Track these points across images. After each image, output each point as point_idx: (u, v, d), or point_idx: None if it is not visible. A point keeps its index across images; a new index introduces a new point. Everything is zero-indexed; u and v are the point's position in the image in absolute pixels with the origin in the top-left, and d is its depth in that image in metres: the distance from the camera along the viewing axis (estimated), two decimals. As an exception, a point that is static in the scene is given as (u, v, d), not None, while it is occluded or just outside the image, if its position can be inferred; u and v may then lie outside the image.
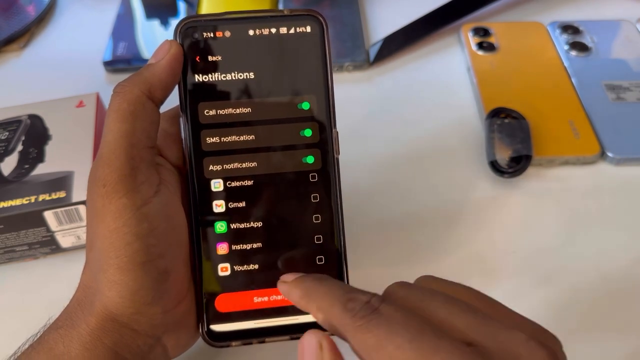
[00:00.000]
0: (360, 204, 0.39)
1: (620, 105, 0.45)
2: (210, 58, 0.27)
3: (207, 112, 0.27)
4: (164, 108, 0.28)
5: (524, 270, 0.36)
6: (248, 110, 0.28)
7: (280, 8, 0.54)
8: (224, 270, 0.28)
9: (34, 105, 0.41)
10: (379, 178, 0.42)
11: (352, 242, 0.29)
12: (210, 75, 0.27)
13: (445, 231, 0.38)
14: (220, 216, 0.28)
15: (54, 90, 0.43)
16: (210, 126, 0.27)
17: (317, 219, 0.28)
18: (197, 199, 0.27)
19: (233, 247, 0.28)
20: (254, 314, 0.27)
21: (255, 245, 0.28)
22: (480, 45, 0.50)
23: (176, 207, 0.27)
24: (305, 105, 0.28)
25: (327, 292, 0.22)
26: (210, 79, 0.27)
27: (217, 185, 0.28)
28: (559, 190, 0.40)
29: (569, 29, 0.51)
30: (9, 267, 0.37)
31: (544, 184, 0.41)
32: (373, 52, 0.51)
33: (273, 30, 0.28)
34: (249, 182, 0.28)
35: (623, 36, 0.51)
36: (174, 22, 0.54)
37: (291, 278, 0.25)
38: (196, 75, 0.27)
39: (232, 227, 0.28)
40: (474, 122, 0.45)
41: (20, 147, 0.38)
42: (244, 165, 0.28)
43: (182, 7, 0.57)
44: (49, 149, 0.38)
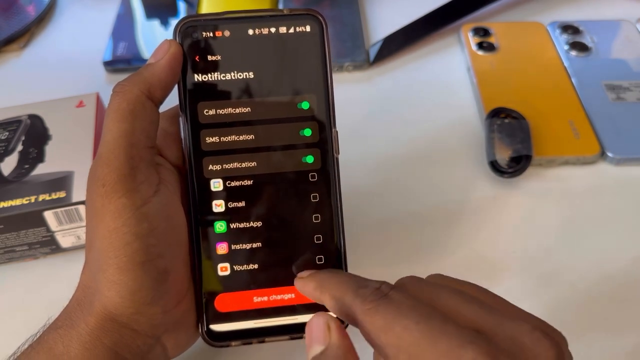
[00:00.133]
0: (360, 204, 0.39)
1: (620, 105, 0.45)
2: (209, 58, 0.27)
3: (206, 112, 0.27)
4: (164, 108, 0.28)
5: (524, 270, 0.36)
6: (247, 109, 0.28)
7: (280, 8, 0.54)
8: (224, 270, 0.28)
9: (34, 105, 0.41)
10: (379, 178, 0.42)
11: (352, 242, 0.29)
12: (209, 74, 0.27)
13: (446, 231, 0.38)
14: (219, 216, 0.28)
15: (54, 90, 0.43)
16: (209, 126, 0.27)
17: (317, 218, 0.28)
18: (196, 199, 0.27)
19: (233, 247, 0.28)
20: (253, 314, 0.27)
21: (254, 245, 0.28)
22: (480, 45, 0.50)
23: (176, 206, 0.27)
24: (305, 105, 0.28)
25: (339, 282, 0.23)
26: (210, 79, 0.27)
27: (216, 185, 0.28)
28: (559, 190, 0.40)
29: (569, 29, 0.51)
30: (9, 267, 0.37)
31: (544, 184, 0.41)
32: (373, 52, 0.50)
33: (273, 29, 0.27)
34: (249, 182, 0.28)
35: (623, 36, 0.51)
36: (174, 22, 0.54)
37: (307, 274, 0.26)
38: (196, 75, 0.27)
39: (232, 226, 0.28)
40: (474, 122, 0.45)
41: (20, 147, 0.38)
42: (243, 164, 0.28)
43: (182, 7, 0.57)
44: (49, 149, 0.38)
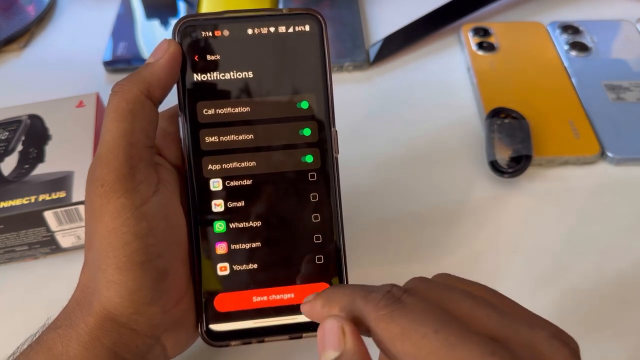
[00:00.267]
0: (360, 203, 0.39)
1: (620, 105, 0.45)
2: (209, 57, 0.27)
3: (205, 112, 0.27)
4: (163, 107, 0.28)
5: (524, 270, 0.36)
6: (247, 109, 0.28)
7: (280, 7, 0.54)
8: (223, 269, 0.28)
9: (34, 105, 0.41)
10: (379, 178, 0.42)
11: (352, 242, 0.29)
12: (209, 74, 0.27)
13: (446, 231, 0.38)
14: (219, 216, 0.28)
15: (54, 90, 0.43)
16: (209, 125, 0.27)
17: (317, 218, 0.28)
18: (196, 199, 0.27)
19: (232, 247, 0.28)
20: (253, 314, 0.27)
21: (254, 245, 0.28)
22: (480, 45, 0.50)
23: (175, 206, 0.27)
24: (305, 104, 0.28)
25: (347, 292, 0.22)
26: (209, 78, 0.27)
27: (216, 184, 0.28)
28: (559, 190, 0.40)
29: (569, 29, 0.51)
30: (9, 267, 0.37)
31: (544, 184, 0.41)
32: (373, 52, 0.50)
33: (272, 29, 0.27)
34: (248, 182, 0.28)
35: (623, 36, 0.51)
36: (174, 22, 0.54)
37: (312, 296, 0.24)
38: (195, 75, 0.27)
39: (231, 226, 0.28)
40: (474, 122, 0.45)
41: (20, 147, 0.38)
42: (242, 164, 0.28)
43: (182, 7, 0.57)
44: (49, 149, 0.38)
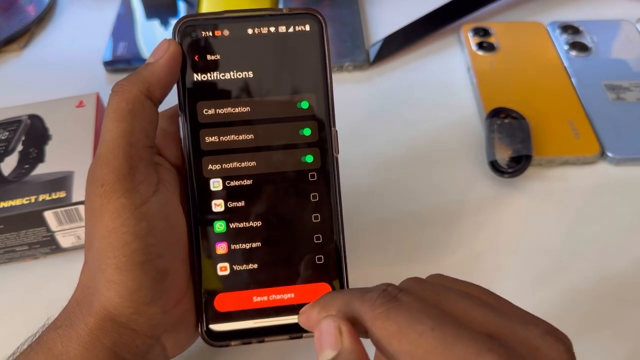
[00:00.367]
0: (360, 203, 0.39)
1: (620, 105, 0.45)
2: (209, 57, 0.27)
3: (206, 111, 0.27)
4: (163, 107, 0.28)
5: (524, 270, 0.36)
6: (247, 109, 0.28)
7: (280, 7, 0.54)
8: (223, 269, 0.28)
9: (34, 105, 0.41)
10: (379, 178, 0.42)
11: (352, 242, 0.29)
12: (209, 74, 0.27)
13: (446, 231, 0.38)
14: (219, 215, 0.28)
15: (54, 90, 0.43)
16: (209, 125, 0.27)
17: (317, 218, 0.28)
18: (196, 199, 0.27)
19: (232, 247, 0.28)
20: (253, 314, 0.27)
21: (254, 245, 0.28)
22: (480, 45, 0.50)
23: (175, 206, 0.27)
24: (305, 104, 0.28)
25: (342, 295, 0.22)
26: (209, 78, 0.27)
27: (216, 184, 0.28)
28: (559, 190, 0.40)
29: (569, 29, 0.51)
30: (9, 267, 0.37)
31: (544, 184, 0.41)
32: (373, 52, 0.50)
33: (272, 29, 0.27)
34: (248, 182, 0.28)
35: (623, 36, 0.51)
36: (174, 22, 0.54)
37: (308, 306, 0.24)
38: (195, 74, 0.27)
39: (231, 226, 0.28)
40: (474, 122, 0.45)
41: (20, 147, 0.38)
42: (243, 164, 0.28)
43: (182, 7, 0.57)
44: (49, 149, 0.38)
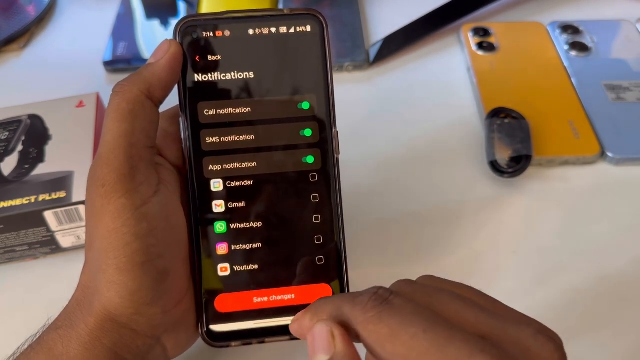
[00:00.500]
0: (360, 204, 0.39)
1: (620, 105, 0.45)
2: (210, 57, 0.27)
3: (206, 112, 0.27)
4: (164, 107, 0.28)
5: (524, 270, 0.36)
6: (248, 110, 0.28)
7: (280, 8, 0.54)
8: (224, 270, 0.28)
9: (34, 105, 0.41)
10: (379, 178, 0.42)
11: (352, 242, 0.29)
12: (210, 74, 0.27)
13: (446, 231, 0.38)
14: (219, 216, 0.28)
15: (54, 90, 0.43)
16: (209, 126, 0.27)
17: (317, 219, 0.28)
18: (196, 199, 0.27)
19: (233, 247, 0.28)
20: (253, 314, 0.27)
21: (255, 246, 0.28)
22: (480, 45, 0.50)
23: (175, 207, 0.27)
24: (305, 105, 0.28)
25: (333, 300, 0.22)
26: (210, 79, 0.27)
27: (216, 185, 0.28)
28: (559, 190, 0.40)
29: (569, 29, 0.51)
30: (9, 267, 0.37)
31: (544, 184, 0.41)
32: (373, 52, 0.50)
33: (273, 29, 0.27)
34: (249, 182, 0.28)
35: (623, 36, 0.51)
36: (174, 22, 0.54)
37: (300, 314, 0.24)
38: (196, 75, 0.27)
39: (232, 227, 0.28)
40: (474, 122, 0.45)
41: (20, 147, 0.38)
42: (243, 165, 0.28)
43: (182, 7, 0.57)
44: (49, 149, 0.38)
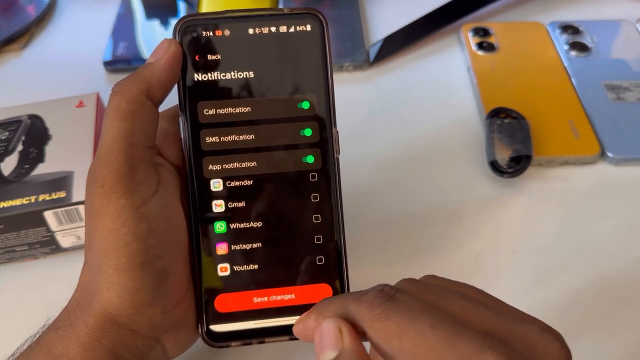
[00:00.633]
0: (360, 204, 0.39)
1: (620, 105, 0.45)
2: (209, 57, 0.27)
3: (206, 112, 0.27)
4: (163, 107, 0.28)
5: (524, 270, 0.36)
6: (248, 109, 0.28)
7: (280, 7, 0.54)
8: (224, 270, 0.28)
9: (34, 105, 0.41)
10: (379, 178, 0.42)
11: (352, 242, 0.29)
12: (209, 74, 0.27)
13: (446, 231, 0.38)
14: (219, 216, 0.28)
15: (54, 90, 0.43)
16: (209, 125, 0.27)
17: (317, 219, 0.28)
18: (196, 199, 0.27)
19: (233, 247, 0.28)
20: (253, 314, 0.27)
21: (255, 246, 0.28)
22: (480, 45, 0.50)
23: (175, 207, 0.27)
24: (306, 105, 0.28)
25: (338, 300, 0.22)
26: (210, 78, 0.27)
27: (216, 185, 0.28)
28: (559, 190, 0.40)
29: (569, 29, 0.51)
30: (9, 267, 0.37)
31: (544, 184, 0.41)
32: (373, 52, 0.50)
33: (273, 29, 0.27)
34: (249, 182, 0.28)
35: (623, 36, 0.51)
36: (174, 22, 0.54)
37: (304, 315, 0.24)
38: (195, 74, 0.27)
39: (232, 227, 0.28)
40: (474, 122, 0.45)
41: (20, 147, 0.38)
42: (243, 164, 0.28)
43: (182, 7, 0.57)
44: (49, 149, 0.38)
